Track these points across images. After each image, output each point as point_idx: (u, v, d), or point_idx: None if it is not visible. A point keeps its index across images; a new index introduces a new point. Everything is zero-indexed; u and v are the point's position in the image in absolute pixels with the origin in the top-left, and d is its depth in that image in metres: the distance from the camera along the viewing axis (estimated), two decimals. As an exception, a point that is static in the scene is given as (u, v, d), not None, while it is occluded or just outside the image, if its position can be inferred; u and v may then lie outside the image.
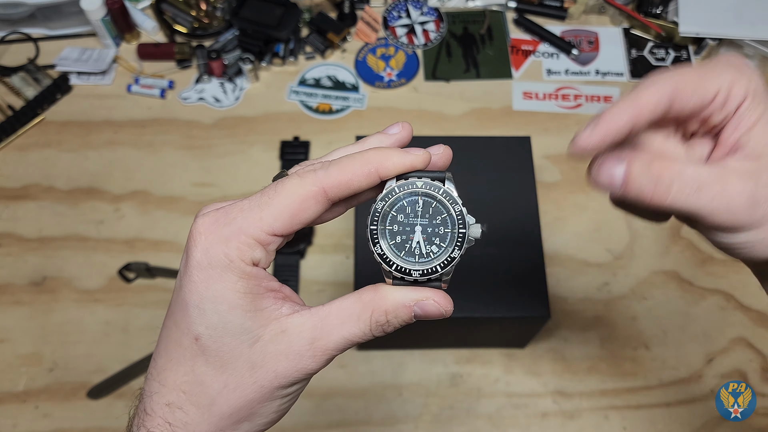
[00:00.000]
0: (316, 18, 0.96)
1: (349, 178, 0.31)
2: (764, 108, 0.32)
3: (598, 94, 0.93)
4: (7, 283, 0.78)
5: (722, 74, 0.32)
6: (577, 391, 0.73)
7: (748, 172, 0.31)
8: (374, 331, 0.32)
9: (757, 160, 0.32)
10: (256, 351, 0.30)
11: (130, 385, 0.72)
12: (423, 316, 0.32)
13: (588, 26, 0.99)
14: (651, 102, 0.32)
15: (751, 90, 0.32)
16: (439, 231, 0.32)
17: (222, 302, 0.30)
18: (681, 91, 0.32)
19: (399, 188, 0.32)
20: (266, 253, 0.31)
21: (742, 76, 0.32)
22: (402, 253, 0.32)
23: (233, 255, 0.30)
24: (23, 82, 0.90)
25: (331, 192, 0.31)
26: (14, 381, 0.72)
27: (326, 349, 0.31)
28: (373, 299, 0.31)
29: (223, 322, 0.30)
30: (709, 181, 0.31)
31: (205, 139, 0.88)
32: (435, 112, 0.91)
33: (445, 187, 0.32)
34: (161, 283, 0.78)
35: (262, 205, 0.30)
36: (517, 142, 0.71)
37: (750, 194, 0.31)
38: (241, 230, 0.30)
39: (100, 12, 0.89)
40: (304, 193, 0.30)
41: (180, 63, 0.93)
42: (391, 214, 0.32)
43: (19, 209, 0.83)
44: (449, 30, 0.98)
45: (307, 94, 0.92)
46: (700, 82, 0.32)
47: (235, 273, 0.30)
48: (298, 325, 0.31)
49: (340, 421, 0.71)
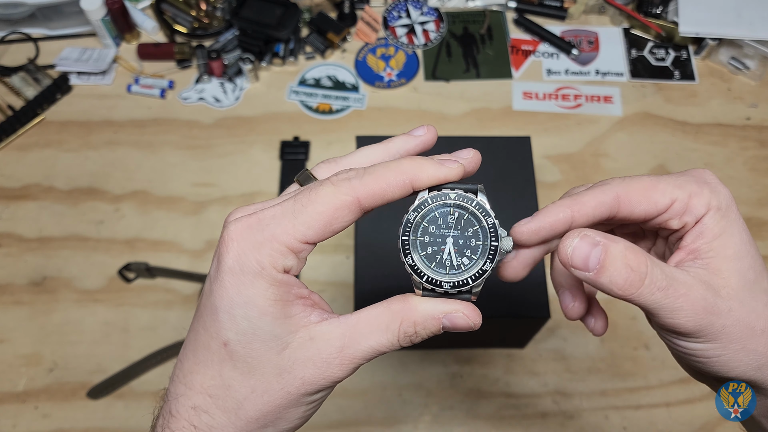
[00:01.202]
0: (316, 18, 0.96)
1: (383, 189, 0.31)
2: (728, 224, 0.33)
3: (598, 94, 0.93)
4: (7, 283, 0.78)
5: (682, 186, 0.33)
6: (577, 391, 0.73)
7: (709, 284, 0.32)
8: (402, 342, 0.32)
9: (716, 274, 0.32)
10: (285, 357, 0.31)
11: (130, 385, 0.72)
12: (451, 328, 0.32)
13: (588, 26, 0.99)
14: (590, 205, 0.33)
15: (714, 204, 0.33)
16: (471, 243, 0.32)
17: (253, 308, 0.30)
18: (625, 200, 0.33)
19: (432, 199, 0.32)
20: (298, 261, 0.31)
21: (703, 189, 0.33)
22: (433, 265, 0.32)
23: (265, 262, 0.30)
24: (23, 82, 0.90)
25: (365, 202, 0.31)
26: (14, 381, 0.72)
27: (354, 358, 0.31)
28: (402, 309, 0.32)
29: (253, 328, 0.30)
30: (678, 281, 0.31)
31: (205, 139, 0.88)
32: (435, 112, 0.91)
33: (478, 199, 0.32)
34: (161, 283, 0.78)
35: (296, 213, 0.30)
36: (517, 142, 0.71)
37: (711, 304, 0.31)
38: (274, 237, 0.30)
39: (100, 12, 0.89)
40: (338, 202, 0.30)
41: (180, 63, 0.93)
42: (422, 225, 0.32)
43: (19, 209, 0.83)
44: (449, 30, 0.98)
45: (307, 94, 0.92)
46: (647, 192, 0.33)
47: (266, 280, 0.30)
48: (326, 333, 0.31)
49: (340, 421, 0.71)
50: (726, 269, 0.32)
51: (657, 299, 0.31)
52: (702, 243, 0.33)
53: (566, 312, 0.37)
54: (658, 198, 0.33)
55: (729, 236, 0.33)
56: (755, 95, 0.93)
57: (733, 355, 0.32)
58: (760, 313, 0.33)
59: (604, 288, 0.31)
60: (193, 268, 0.78)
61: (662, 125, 0.90)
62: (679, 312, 0.31)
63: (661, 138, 0.89)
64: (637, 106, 0.92)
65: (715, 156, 0.88)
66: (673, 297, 0.31)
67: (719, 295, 0.32)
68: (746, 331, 0.32)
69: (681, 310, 0.31)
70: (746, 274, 0.33)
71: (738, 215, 0.34)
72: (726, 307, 0.32)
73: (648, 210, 0.33)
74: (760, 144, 0.89)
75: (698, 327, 0.31)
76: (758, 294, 0.33)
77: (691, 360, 0.34)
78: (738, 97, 0.93)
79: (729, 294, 0.32)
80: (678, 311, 0.31)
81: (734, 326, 0.32)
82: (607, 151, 0.88)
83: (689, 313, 0.31)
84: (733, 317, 0.32)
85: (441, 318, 0.32)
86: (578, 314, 0.36)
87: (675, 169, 0.87)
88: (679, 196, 0.33)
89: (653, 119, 0.91)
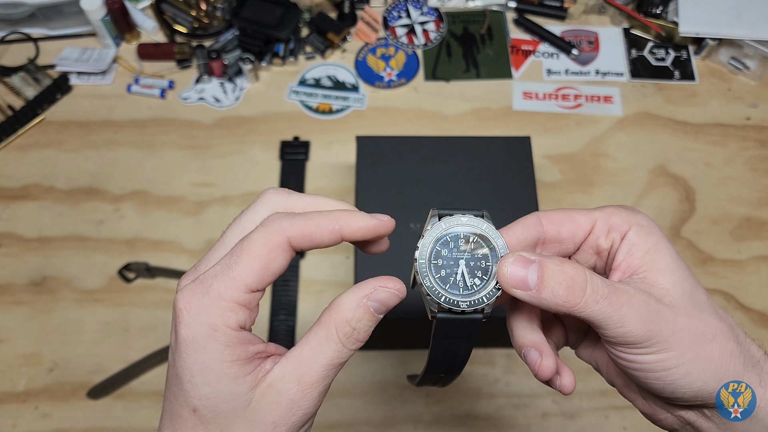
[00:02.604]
0: (316, 18, 0.96)
1: (313, 231, 0.31)
2: (654, 240, 0.34)
3: (598, 94, 0.93)
4: (7, 283, 0.78)
5: (602, 210, 0.36)
6: (577, 391, 0.73)
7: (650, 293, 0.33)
8: (347, 344, 0.31)
9: (655, 286, 0.33)
10: (251, 411, 0.31)
11: (130, 385, 0.72)
12: (382, 308, 0.32)
13: (588, 26, 0.99)
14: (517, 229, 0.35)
15: (634, 222, 0.35)
16: (481, 264, 0.33)
17: (210, 373, 0.30)
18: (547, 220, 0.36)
19: (446, 224, 0.33)
20: (249, 312, 0.31)
21: (621, 211, 0.35)
22: (447, 286, 0.33)
23: (218, 323, 0.30)
24: (23, 82, 0.90)
25: (294, 241, 0.31)
26: (14, 381, 0.72)
27: (312, 383, 0.31)
28: (332, 314, 0.32)
29: (215, 392, 0.30)
30: (620, 290, 0.32)
31: (205, 139, 0.88)
32: (435, 112, 0.91)
33: (488, 224, 0.34)
34: (161, 283, 0.78)
35: (232, 265, 0.31)
36: (517, 142, 0.71)
37: (656, 310, 0.32)
38: (220, 296, 0.30)
39: (100, 12, 0.89)
40: (270, 244, 0.31)
41: (180, 63, 0.93)
42: (435, 249, 0.33)
43: (19, 209, 0.83)
44: (449, 30, 0.98)
45: (307, 94, 0.92)
46: (568, 214, 0.36)
47: (220, 342, 0.30)
48: (280, 373, 0.31)
49: (340, 421, 0.71)
50: (663, 281, 0.33)
51: (602, 308, 0.31)
52: (633, 259, 0.34)
53: (537, 371, 0.35)
54: (578, 218, 0.36)
55: (658, 251, 0.34)
56: (755, 95, 0.93)
57: (689, 364, 0.32)
58: (707, 320, 0.33)
59: (548, 304, 0.31)
60: (193, 268, 0.78)
61: (662, 125, 0.90)
62: (625, 319, 0.31)
63: (661, 138, 0.89)
64: (637, 106, 0.92)
65: (715, 156, 0.88)
66: (617, 305, 0.31)
67: (662, 302, 0.32)
68: (697, 337, 0.32)
69: (627, 317, 0.31)
70: (682, 285, 0.33)
71: (662, 234, 0.35)
72: (671, 313, 0.32)
73: (573, 230, 0.36)
74: (760, 144, 0.89)
75: (648, 333, 0.31)
76: (699, 303, 0.34)
77: (649, 378, 0.33)
78: (738, 97, 0.93)
79: (671, 302, 0.33)
80: (625, 318, 0.31)
81: (684, 332, 0.32)
82: (607, 151, 0.88)
83: (636, 320, 0.31)
84: (681, 323, 0.32)
85: (365, 302, 0.31)
86: (550, 370, 0.35)
87: (675, 169, 0.87)
88: (599, 216, 0.35)
89: (653, 119, 0.91)
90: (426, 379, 0.39)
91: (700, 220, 0.83)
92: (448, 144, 0.72)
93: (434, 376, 0.38)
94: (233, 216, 0.35)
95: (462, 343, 0.35)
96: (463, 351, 0.35)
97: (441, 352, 0.35)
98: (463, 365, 0.36)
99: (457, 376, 0.38)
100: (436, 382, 0.40)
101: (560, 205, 0.83)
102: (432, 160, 0.70)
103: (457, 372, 0.37)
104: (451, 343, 0.35)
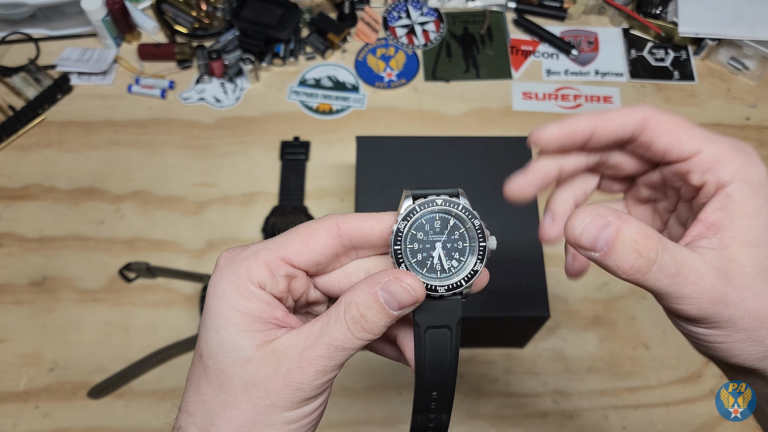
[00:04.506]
0: (317, 18, 0.97)
1: (362, 219, 0.32)
2: (756, 203, 0.30)
3: (597, 94, 0.93)
4: (8, 283, 0.78)
5: (716, 143, 0.31)
6: (576, 391, 0.73)
7: (723, 271, 0.30)
8: (353, 330, 0.30)
9: (732, 260, 0.30)
10: (248, 370, 0.30)
11: (131, 385, 0.73)
12: (394, 303, 0.30)
13: (587, 26, 0.99)
14: (614, 121, 0.32)
15: (745, 176, 0.30)
16: (458, 246, 0.32)
17: (220, 318, 0.30)
18: (651, 125, 0.32)
19: (419, 207, 0.32)
20: (273, 278, 0.31)
21: (738, 156, 0.30)
22: (425, 270, 0.32)
23: (241, 273, 0.31)
24: (24, 83, 0.90)
25: (343, 227, 0.32)
26: (14, 381, 0.72)
27: (311, 358, 0.30)
28: (344, 296, 0.31)
29: (218, 338, 0.30)
30: (689, 267, 0.29)
31: (205, 139, 0.88)
32: (435, 113, 0.91)
33: (463, 203, 0.32)
34: (161, 283, 0.78)
35: (276, 239, 0.32)
36: (517, 142, 0.71)
37: (722, 293, 0.30)
38: (255, 253, 0.31)
39: (100, 12, 0.89)
40: (316, 224, 0.32)
41: (180, 63, 0.93)
42: (411, 233, 0.32)
43: (19, 209, 0.83)
44: (449, 30, 0.98)
45: (308, 95, 0.92)
46: (677, 129, 0.31)
47: (238, 291, 0.31)
48: (286, 341, 0.31)
49: (340, 421, 0.71)
50: (743, 255, 0.30)
51: (664, 285, 0.29)
52: (724, 217, 0.30)
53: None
54: (684, 139, 0.31)
55: (754, 218, 0.30)
56: (755, 95, 0.93)
57: (736, 344, 0.31)
58: None
59: (609, 269, 0.30)
60: (194, 267, 0.78)
61: (662, 125, 0.90)
62: (685, 299, 0.30)
63: (660, 138, 0.89)
64: (637, 106, 0.92)
65: (715, 156, 0.88)
66: (680, 285, 0.29)
67: (732, 283, 0.30)
68: (755, 323, 0.30)
69: (688, 297, 0.30)
70: (763, 263, 0.30)
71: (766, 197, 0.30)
72: (737, 297, 0.30)
73: (669, 145, 0.31)
74: (760, 144, 0.90)
75: (703, 315, 0.30)
76: None
77: (696, 342, 0.33)
78: (737, 98, 0.93)
79: (743, 283, 0.30)
80: (684, 299, 0.30)
81: (742, 317, 0.30)
82: (606, 151, 0.88)
83: (695, 302, 0.30)
84: (743, 308, 0.30)
85: (376, 290, 0.30)
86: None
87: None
88: (708, 150, 0.31)
89: (653, 119, 0.91)
90: (418, 408, 0.34)
91: (700, 220, 0.83)
92: (448, 144, 0.72)
93: (425, 395, 0.34)
94: (233, 216, 0.35)
95: (446, 334, 0.33)
96: (451, 348, 0.33)
97: (426, 348, 0.33)
98: (454, 368, 0.33)
99: (450, 396, 0.34)
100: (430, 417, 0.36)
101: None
102: (432, 161, 0.70)
103: (447, 380, 0.34)
104: (434, 336, 0.33)
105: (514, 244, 0.65)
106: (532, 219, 0.66)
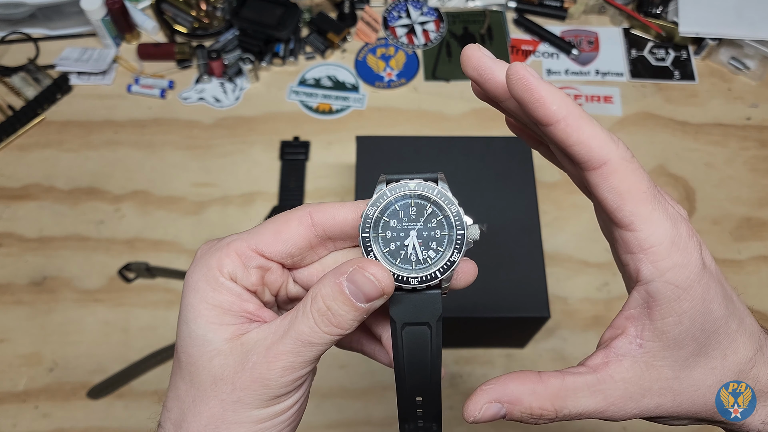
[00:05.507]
0: (316, 18, 0.96)
1: (336, 207, 0.31)
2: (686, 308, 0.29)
3: (598, 94, 0.93)
4: (8, 283, 0.78)
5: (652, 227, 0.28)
6: (577, 391, 0.73)
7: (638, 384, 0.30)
8: (320, 323, 0.29)
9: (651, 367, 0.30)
10: (216, 365, 0.30)
11: (130, 385, 0.72)
12: (359, 294, 0.28)
13: (588, 26, 0.99)
14: (582, 147, 0.30)
15: (674, 278, 0.28)
16: (436, 234, 0.30)
17: (191, 311, 0.30)
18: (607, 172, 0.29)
19: (390, 191, 0.30)
20: (245, 270, 0.31)
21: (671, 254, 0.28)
22: (397, 261, 0.30)
23: (212, 264, 0.30)
24: (23, 82, 0.90)
25: (316, 216, 0.31)
26: (14, 381, 0.72)
27: (277, 353, 0.29)
28: (315, 286, 0.29)
29: (188, 331, 0.30)
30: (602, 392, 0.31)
31: (205, 139, 0.88)
32: (435, 112, 0.91)
33: (439, 188, 0.30)
34: (161, 283, 0.78)
35: (252, 228, 0.32)
36: (517, 142, 0.71)
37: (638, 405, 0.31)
38: (227, 245, 0.31)
39: (100, 12, 0.89)
40: (288, 215, 0.31)
41: (180, 63, 0.93)
42: (383, 220, 0.30)
43: (19, 209, 0.83)
44: (449, 30, 0.98)
45: (307, 94, 0.92)
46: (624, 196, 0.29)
47: (209, 283, 0.30)
48: (256, 335, 0.30)
49: (340, 421, 0.71)
50: (661, 360, 0.30)
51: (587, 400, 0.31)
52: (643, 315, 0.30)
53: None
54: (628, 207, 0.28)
55: (676, 324, 0.29)
56: (755, 95, 0.93)
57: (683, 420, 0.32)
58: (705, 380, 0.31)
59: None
60: (193, 268, 0.78)
61: (662, 125, 0.90)
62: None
63: (661, 138, 0.89)
64: (637, 106, 0.92)
65: (715, 156, 0.88)
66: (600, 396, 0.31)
67: (647, 394, 0.30)
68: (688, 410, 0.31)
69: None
70: (684, 363, 0.30)
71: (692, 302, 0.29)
72: (653, 404, 0.30)
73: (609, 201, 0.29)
74: (761, 144, 0.89)
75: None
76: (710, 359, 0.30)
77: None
78: (738, 97, 0.93)
79: (661, 389, 0.30)
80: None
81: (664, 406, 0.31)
82: (607, 151, 0.88)
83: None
84: (663, 409, 0.31)
85: (341, 281, 0.28)
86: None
87: (675, 169, 0.87)
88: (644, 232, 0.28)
89: (653, 119, 0.91)
90: (402, 416, 0.32)
91: (700, 220, 0.83)
92: (448, 144, 0.72)
93: (407, 400, 0.31)
94: (233, 216, 0.35)
95: (426, 332, 0.30)
96: (431, 348, 0.30)
97: (403, 347, 0.30)
98: (436, 370, 0.31)
99: (437, 403, 0.32)
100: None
101: (560, 205, 0.83)
102: (432, 160, 0.70)
103: (429, 383, 0.31)
104: (412, 334, 0.30)
105: (514, 245, 0.65)
106: (532, 219, 0.66)
